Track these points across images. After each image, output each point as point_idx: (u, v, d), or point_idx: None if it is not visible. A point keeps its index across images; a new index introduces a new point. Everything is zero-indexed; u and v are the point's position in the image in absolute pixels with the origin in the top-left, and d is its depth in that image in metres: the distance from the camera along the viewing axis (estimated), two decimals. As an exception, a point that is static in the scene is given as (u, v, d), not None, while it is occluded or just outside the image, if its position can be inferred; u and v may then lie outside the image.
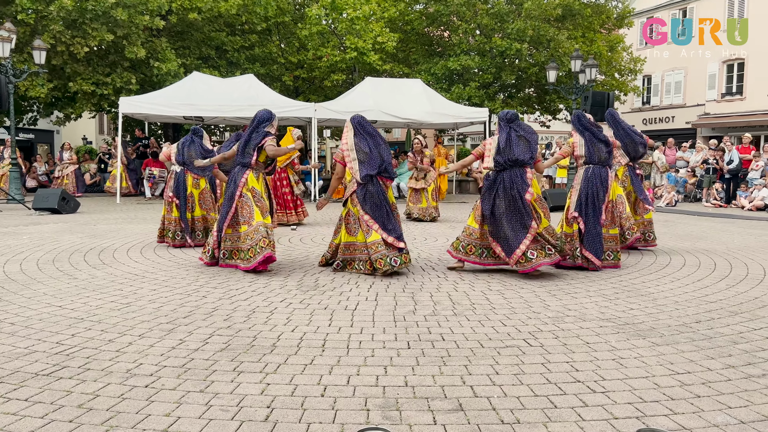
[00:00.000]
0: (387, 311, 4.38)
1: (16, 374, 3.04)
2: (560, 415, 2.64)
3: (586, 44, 20.58)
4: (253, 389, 2.88)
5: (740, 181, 15.37)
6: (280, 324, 4.01)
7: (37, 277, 5.44)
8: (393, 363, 3.27)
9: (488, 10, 20.49)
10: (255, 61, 20.31)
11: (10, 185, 14.40)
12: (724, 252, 7.37)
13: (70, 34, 15.79)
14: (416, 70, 21.03)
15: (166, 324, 3.97)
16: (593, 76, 17.10)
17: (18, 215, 11.11)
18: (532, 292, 5.07)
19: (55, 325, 3.93)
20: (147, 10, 16.33)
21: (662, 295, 5.02)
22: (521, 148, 5.64)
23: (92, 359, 3.27)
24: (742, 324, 4.13)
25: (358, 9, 18.80)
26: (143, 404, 2.70)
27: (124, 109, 14.54)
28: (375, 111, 15.39)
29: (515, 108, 21.64)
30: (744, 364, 3.30)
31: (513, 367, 3.22)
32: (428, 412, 2.65)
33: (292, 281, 5.40)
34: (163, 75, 17.08)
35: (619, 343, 3.66)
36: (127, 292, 4.91)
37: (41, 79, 16.00)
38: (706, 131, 25.90)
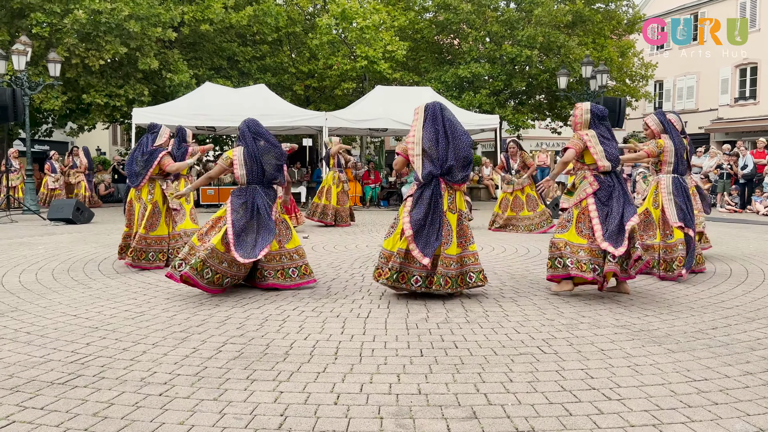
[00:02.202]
0: (399, 319, 4.37)
1: (32, 383, 3.06)
2: (575, 423, 2.61)
3: (597, 50, 20.55)
4: (266, 397, 2.88)
5: (755, 186, 15.21)
6: (293, 332, 4.01)
7: (52, 287, 5.49)
8: (406, 371, 3.26)
9: (498, 17, 20.54)
10: (266, 71, 20.49)
11: (26, 196, 14.57)
12: (740, 257, 7.29)
13: (84, 46, 16.02)
14: (426, 78, 21.09)
15: (180, 333, 3.98)
16: (604, 82, 17.06)
17: (33, 225, 11.24)
18: (545, 298, 5.04)
19: (70, 334, 3.96)
20: (159, 22, 16.54)
21: (677, 301, 4.97)
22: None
23: (107, 368, 3.29)
24: (760, 330, 4.08)
25: (368, 18, 18.92)
26: (157, 412, 2.71)
27: (137, 120, 14.69)
28: (385, 119, 15.45)
29: (526, 115, 21.63)
30: (762, 371, 3.25)
31: (527, 375, 3.19)
32: (442, 420, 2.63)
33: (304, 289, 5.41)
34: (176, 86, 17.28)
35: (635, 350, 3.62)
36: (141, 301, 4.94)
37: (56, 91, 16.23)
38: (720, 136, 25.71)
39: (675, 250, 5.74)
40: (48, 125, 21.54)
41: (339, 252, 7.80)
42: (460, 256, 4.92)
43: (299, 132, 18.77)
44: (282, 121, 14.93)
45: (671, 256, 5.75)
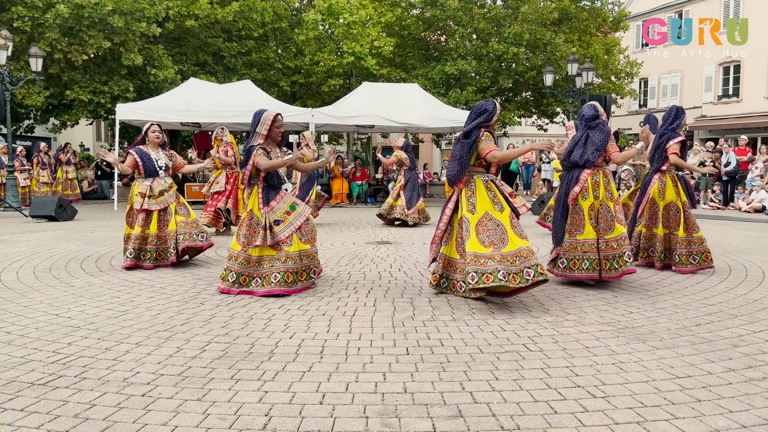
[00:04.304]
0: (386, 317, 4.36)
1: (11, 384, 3.01)
2: (560, 420, 2.62)
3: (583, 48, 20.64)
4: (251, 397, 2.86)
5: (737, 183, 15.39)
6: (278, 331, 3.99)
7: (33, 286, 5.41)
8: (392, 369, 3.25)
9: (485, 14, 20.56)
10: (252, 67, 20.34)
11: (7, 193, 14.36)
12: (723, 254, 7.36)
13: (66, 41, 15.80)
14: (413, 74, 21.06)
15: (164, 332, 3.94)
16: (590, 80, 17.15)
17: (15, 223, 11.08)
18: (530, 295, 5.05)
19: (52, 333, 3.90)
20: (144, 17, 16.34)
21: (661, 298, 5.01)
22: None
23: (89, 368, 3.24)
24: (742, 327, 4.12)
25: (355, 14, 18.84)
26: (140, 413, 2.67)
27: (121, 116, 14.52)
28: (372, 116, 15.40)
29: (512, 112, 21.69)
30: (744, 368, 3.29)
31: (512, 373, 3.20)
32: (427, 419, 2.63)
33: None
34: (160, 82, 17.09)
35: (619, 347, 3.64)
36: (125, 299, 4.88)
37: (38, 86, 15.99)
38: (703, 133, 25.98)
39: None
40: (30, 121, 21.23)
41: (325, 250, 7.77)
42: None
43: (286, 128, 18.64)
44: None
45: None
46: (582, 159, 5.38)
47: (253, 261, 5.06)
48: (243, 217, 5.21)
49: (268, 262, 5.04)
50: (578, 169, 5.40)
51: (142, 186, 6.40)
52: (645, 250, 6.37)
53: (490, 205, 4.67)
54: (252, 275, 5.06)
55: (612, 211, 5.33)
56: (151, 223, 6.36)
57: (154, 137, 6.54)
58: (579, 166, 5.41)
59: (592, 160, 5.33)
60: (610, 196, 5.36)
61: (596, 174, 5.35)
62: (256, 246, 4.98)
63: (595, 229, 5.30)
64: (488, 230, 4.57)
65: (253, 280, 5.06)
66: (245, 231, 5.12)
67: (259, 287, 5.00)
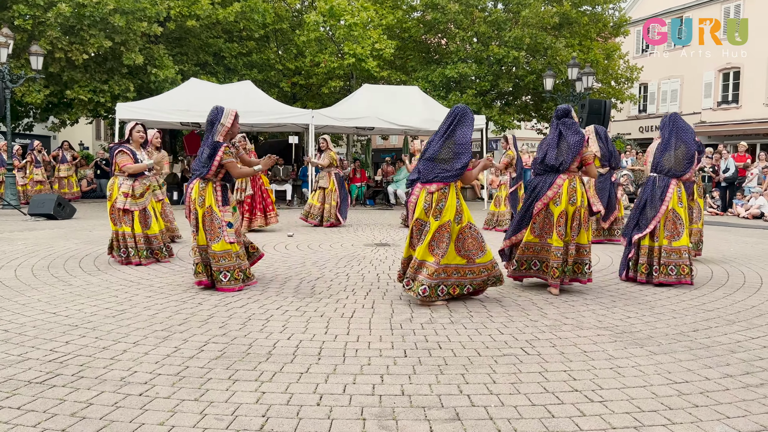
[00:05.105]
0: (384, 319, 4.36)
1: (8, 382, 3.01)
2: (558, 424, 2.62)
3: (583, 52, 20.69)
4: (248, 398, 2.86)
5: (736, 189, 15.41)
6: (276, 331, 3.98)
7: (31, 284, 5.40)
8: (389, 371, 3.25)
9: (485, 18, 20.59)
10: (252, 68, 20.35)
11: (6, 191, 14.35)
12: (721, 260, 7.37)
13: (67, 40, 15.80)
14: (413, 77, 21.09)
15: (161, 331, 3.94)
16: (590, 84, 17.19)
17: (14, 221, 11.06)
18: (528, 299, 5.06)
19: (49, 332, 3.90)
20: (145, 16, 16.35)
21: (659, 303, 5.01)
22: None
23: (86, 367, 3.24)
24: (740, 333, 4.12)
25: (356, 16, 18.86)
26: (137, 413, 2.67)
27: (121, 115, 14.50)
28: (372, 118, 15.41)
29: (512, 115, 21.72)
30: (742, 374, 3.29)
31: (510, 376, 3.20)
32: (425, 422, 2.62)
33: (288, 288, 5.38)
34: (161, 82, 17.09)
35: (617, 352, 3.64)
36: (122, 298, 4.88)
37: (38, 84, 15.99)
38: (702, 139, 25.93)
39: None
40: (29, 119, 21.22)
41: (324, 251, 7.77)
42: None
43: (285, 129, 18.66)
44: (268, 118, 14.82)
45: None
46: (557, 161, 5.25)
47: (218, 255, 5.18)
48: (201, 212, 5.17)
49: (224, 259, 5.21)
50: (554, 173, 5.28)
51: (125, 186, 6.47)
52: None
53: (454, 215, 4.70)
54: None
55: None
56: (134, 222, 6.52)
57: (139, 137, 6.87)
58: (555, 169, 5.27)
59: (568, 161, 5.20)
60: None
61: (573, 180, 5.25)
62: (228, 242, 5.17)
63: (562, 237, 5.19)
64: (441, 240, 4.65)
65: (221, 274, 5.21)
66: (208, 226, 5.17)
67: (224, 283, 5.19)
